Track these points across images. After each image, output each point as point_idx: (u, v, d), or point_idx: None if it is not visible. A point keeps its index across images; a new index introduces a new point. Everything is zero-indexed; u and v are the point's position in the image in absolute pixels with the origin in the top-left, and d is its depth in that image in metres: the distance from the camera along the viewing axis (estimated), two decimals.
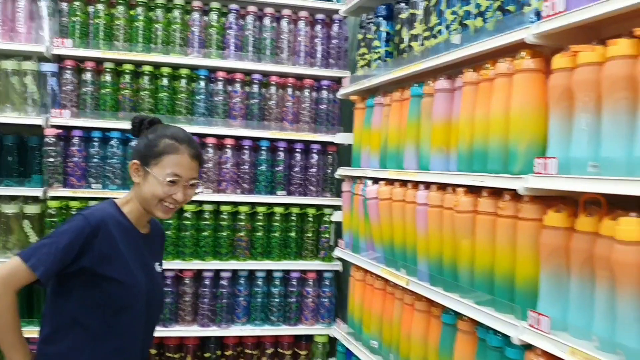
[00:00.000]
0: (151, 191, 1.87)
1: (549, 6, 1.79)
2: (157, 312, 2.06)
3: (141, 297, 1.90)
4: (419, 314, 2.59)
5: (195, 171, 1.93)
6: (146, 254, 1.98)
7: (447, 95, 2.41)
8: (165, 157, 1.86)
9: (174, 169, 1.86)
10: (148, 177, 1.88)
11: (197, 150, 1.94)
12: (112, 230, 1.84)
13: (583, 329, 1.67)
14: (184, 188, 1.89)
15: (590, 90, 1.64)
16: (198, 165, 1.94)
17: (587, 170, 1.64)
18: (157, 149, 1.87)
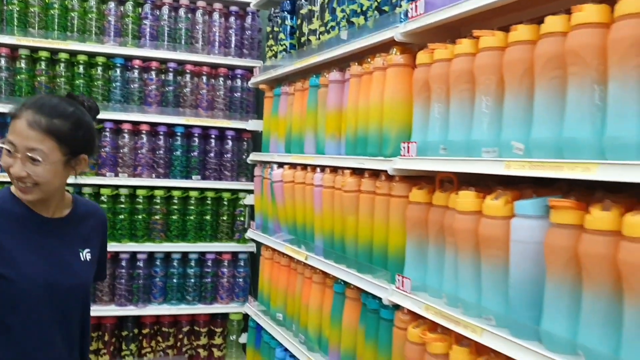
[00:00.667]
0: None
1: (413, 8, 2.05)
2: (73, 306, 1.82)
3: (34, 292, 1.69)
4: (315, 285, 2.83)
5: (34, 141, 1.62)
6: (54, 241, 1.79)
7: (338, 86, 2.65)
8: (10, 125, 1.69)
9: (8, 136, 1.66)
10: None
11: (41, 117, 1.64)
12: None
13: (436, 289, 1.94)
14: (22, 161, 1.63)
15: (441, 83, 1.90)
16: (40, 135, 1.63)
17: (439, 152, 1.90)
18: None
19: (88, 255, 1.87)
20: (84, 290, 1.87)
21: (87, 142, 1.79)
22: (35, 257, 1.72)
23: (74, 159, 1.74)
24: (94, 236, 1.93)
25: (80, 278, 1.83)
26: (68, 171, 1.76)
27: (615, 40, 1.31)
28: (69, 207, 1.87)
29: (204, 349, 4.03)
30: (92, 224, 1.93)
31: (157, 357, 3.95)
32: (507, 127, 1.64)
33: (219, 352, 4.06)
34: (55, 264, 1.75)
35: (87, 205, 1.98)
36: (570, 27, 1.44)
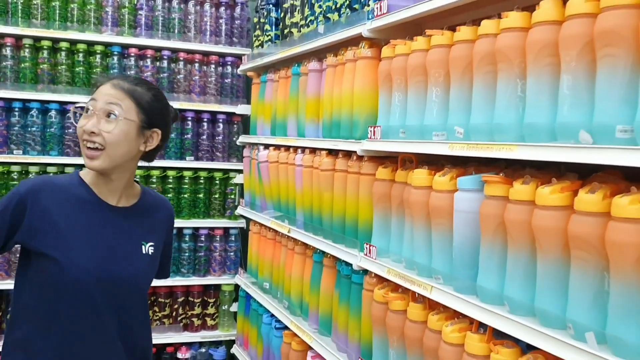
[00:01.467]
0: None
1: (378, 7, 2.31)
2: (128, 297, 1.77)
3: (86, 279, 1.66)
4: (297, 256, 3.12)
5: (115, 97, 1.64)
6: (116, 230, 1.75)
7: (316, 75, 2.91)
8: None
9: (91, 97, 1.67)
10: None
11: (125, 82, 1.70)
12: (45, 200, 1.66)
13: (398, 255, 2.23)
14: (98, 118, 1.63)
15: (400, 75, 2.17)
16: (121, 94, 1.66)
17: (399, 135, 2.18)
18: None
19: (151, 249, 1.82)
20: (141, 283, 1.82)
21: (164, 118, 1.78)
22: (92, 246, 1.69)
23: (148, 129, 1.72)
24: (159, 230, 1.89)
25: (138, 270, 1.78)
26: (139, 143, 1.71)
27: (531, 43, 1.58)
28: (137, 197, 1.83)
29: (197, 318, 4.33)
30: (159, 217, 1.89)
31: (154, 326, 4.23)
32: (452, 114, 1.91)
33: (212, 321, 4.36)
34: (112, 254, 1.72)
35: (156, 198, 1.94)
36: (499, 30, 1.71)
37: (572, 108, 1.46)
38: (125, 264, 1.75)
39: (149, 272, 1.85)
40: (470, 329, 1.81)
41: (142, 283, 1.83)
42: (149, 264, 1.82)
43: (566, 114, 1.47)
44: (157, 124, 1.75)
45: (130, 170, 1.77)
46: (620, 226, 1.30)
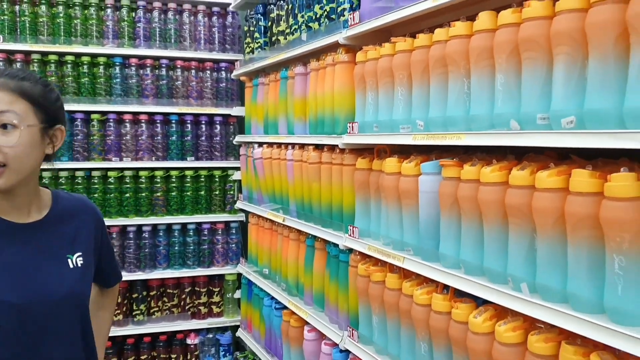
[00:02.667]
0: None
1: (351, 18, 2.63)
2: (67, 320, 1.60)
3: (7, 316, 1.46)
4: (292, 242, 3.44)
5: (4, 103, 1.43)
6: (32, 250, 1.55)
7: (302, 78, 3.23)
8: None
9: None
10: None
11: (8, 80, 1.47)
12: None
13: (376, 233, 2.55)
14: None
15: (372, 77, 2.49)
16: (10, 96, 1.45)
17: (373, 129, 2.50)
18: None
19: (79, 260, 1.63)
20: (78, 300, 1.63)
21: (61, 108, 1.60)
22: (9, 273, 1.49)
23: (52, 128, 1.54)
24: (86, 235, 1.69)
25: (70, 288, 1.58)
26: (44, 147, 1.53)
27: (473, 48, 1.90)
28: (48, 205, 1.64)
29: (204, 306, 4.65)
30: (79, 222, 1.69)
31: (164, 315, 4.56)
32: (415, 109, 2.23)
33: (218, 308, 4.69)
34: (33, 279, 1.52)
35: (72, 200, 1.73)
36: (449, 37, 2.03)
37: (505, 101, 1.79)
38: (53, 286, 1.55)
39: (82, 285, 1.65)
40: (436, 291, 2.14)
41: (79, 300, 1.63)
42: (81, 277, 1.63)
43: (500, 107, 1.80)
44: (59, 119, 1.57)
45: (36, 178, 1.58)
46: (541, 195, 1.63)
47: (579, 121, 1.53)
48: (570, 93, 1.57)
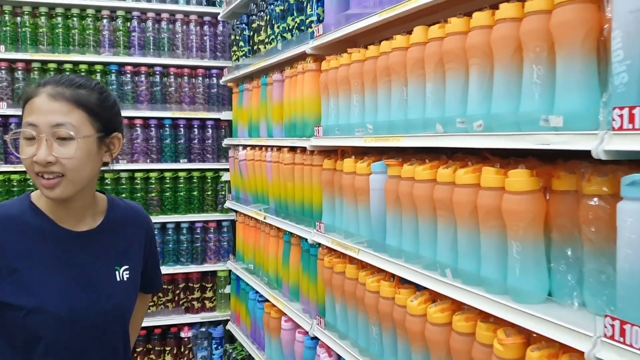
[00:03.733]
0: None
1: (317, 29, 2.85)
2: (109, 332, 1.59)
3: (57, 322, 1.47)
4: (272, 238, 3.66)
5: (60, 114, 1.41)
6: (84, 259, 1.55)
7: (279, 85, 3.45)
8: (24, 109, 1.45)
9: (27, 118, 1.42)
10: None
11: (64, 88, 1.44)
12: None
13: (339, 228, 2.76)
14: (48, 143, 1.39)
15: (334, 84, 2.71)
16: (67, 106, 1.42)
17: (335, 133, 2.72)
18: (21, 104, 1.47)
19: (126, 274, 1.62)
20: (119, 316, 1.62)
21: (118, 114, 1.58)
22: (59, 283, 1.49)
23: (108, 137, 1.53)
24: (137, 247, 1.70)
25: (114, 303, 1.58)
26: (101, 155, 1.52)
27: (409, 59, 2.12)
28: (103, 213, 1.64)
29: (197, 301, 4.89)
30: (132, 233, 1.70)
31: (159, 309, 4.80)
32: (366, 114, 2.45)
33: (210, 303, 4.92)
34: (83, 290, 1.53)
35: (127, 208, 1.72)
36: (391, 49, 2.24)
37: (433, 107, 2.00)
38: (98, 299, 1.55)
39: (127, 300, 1.66)
40: (385, 278, 2.35)
41: (120, 315, 1.63)
42: (126, 292, 1.63)
43: (430, 112, 2.01)
44: (116, 126, 1.57)
45: (93, 186, 1.58)
46: (459, 190, 1.83)
47: (486, 124, 1.73)
48: (481, 99, 1.78)
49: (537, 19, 1.55)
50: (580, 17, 1.45)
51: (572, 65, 1.47)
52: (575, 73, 1.47)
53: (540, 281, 1.64)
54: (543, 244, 1.65)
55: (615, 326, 1.31)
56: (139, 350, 4.66)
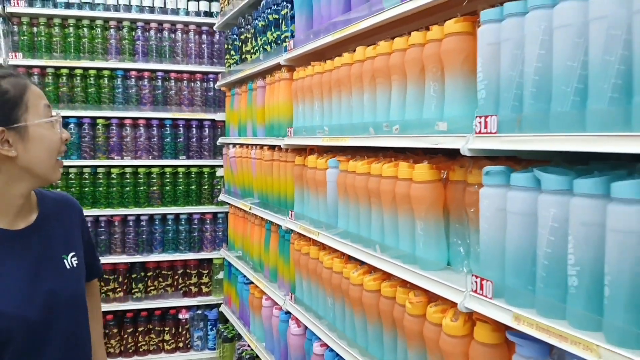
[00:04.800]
0: (46, 146, 1.53)
1: (289, 44, 3.29)
2: (71, 322, 1.61)
3: (18, 326, 1.46)
4: (256, 227, 4.11)
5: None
6: (32, 255, 1.55)
7: (262, 90, 3.90)
8: (27, 95, 1.51)
9: (44, 100, 1.54)
10: (27, 135, 1.49)
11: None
12: None
13: (306, 216, 3.20)
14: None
15: (302, 91, 3.15)
16: None
17: (302, 133, 3.16)
18: (10, 95, 1.47)
19: (74, 261, 1.64)
20: (79, 301, 1.65)
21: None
22: (12, 289, 1.48)
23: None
24: (75, 232, 1.71)
25: (73, 289, 1.62)
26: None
27: (352, 74, 2.55)
28: (36, 207, 1.63)
29: (194, 286, 5.35)
30: (67, 218, 1.71)
31: (159, 293, 5.27)
32: (324, 118, 2.89)
33: (207, 288, 5.39)
34: (36, 287, 1.52)
35: (56, 197, 1.73)
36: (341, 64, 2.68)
37: (368, 113, 2.44)
38: (56, 292, 1.56)
39: (81, 284, 1.68)
40: (338, 257, 2.79)
41: (80, 300, 1.66)
42: (77, 278, 1.65)
43: (366, 117, 2.45)
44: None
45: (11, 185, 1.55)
46: (384, 181, 2.27)
47: (402, 128, 2.17)
48: (399, 108, 2.21)
49: (433, 46, 1.99)
50: (459, 45, 1.88)
51: (455, 82, 1.91)
52: (457, 89, 1.91)
53: (440, 253, 2.08)
54: (442, 223, 2.08)
55: (478, 282, 1.74)
56: (140, 329, 5.12)
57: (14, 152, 1.48)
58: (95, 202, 5.02)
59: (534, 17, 1.55)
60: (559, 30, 1.47)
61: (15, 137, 1.48)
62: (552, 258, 1.49)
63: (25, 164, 1.51)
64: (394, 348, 2.26)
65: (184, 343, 5.26)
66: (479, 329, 1.78)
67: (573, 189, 1.43)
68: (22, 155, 1.50)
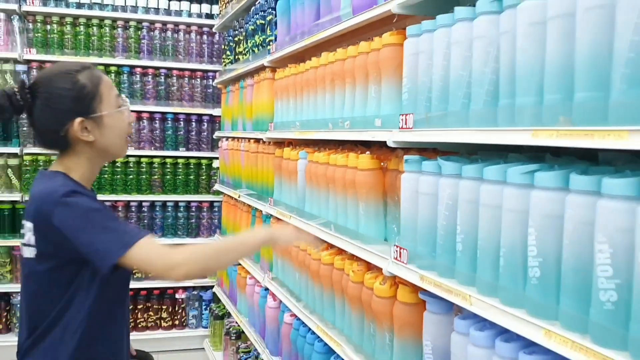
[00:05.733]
0: (118, 130, 1.83)
1: (272, 47, 3.67)
2: None
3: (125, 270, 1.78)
4: (244, 213, 4.49)
5: None
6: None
7: (251, 88, 4.27)
8: (101, 88, 1.80)
9: (115, 90, 1.86)
10: (102, 123, 1.78)
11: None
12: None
13: (282, 202, 3.57)
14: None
15: (281, 90, 3.52)
16: None
17: (280, 128, 3.53)
18: (88, 89, 1.75)
19: None
20: None
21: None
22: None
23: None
24: None
25: None
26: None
27: (316, 77, 2.92)
28: None
29: None
30: None
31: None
32: (297, 114, 3.26)
33: None
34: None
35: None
36: (304, 69, 3.04)
37: (328, 110, 2.80)
38: None
39: None
40: None
41: None
42: None
43: (327, 114, 2.82)
44: None
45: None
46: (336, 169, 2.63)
47: (352, 124, 2.53)
48: (350, 106, 2.58)
49: (374, 55, 2.35)
50: (392, 55, 2.25)
51: (389, 86, 2.27)
52: (390, 91, 2.27)
53: (379, 230, 2.44)
54: (382, 205, 2.45)
55: (398, 251, 2.11)
56: (139, 307, 5.53)
57: (92, 138, 1.78)
58: (100, 188, 5.42)
59: (439, 34, 1.91)
60: (454, 45, 1.83)
61: (92, 125, 1.77)
62: (447, 229, 1.85)
63: (101, 146, 1.82)
64: (342, 312, 2.63)
65: (179, 321, 5.66)
66: (400, 290, 2.15)
67: (461, 174, 1.79)
68: (99, 139, 1.80)
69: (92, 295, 1.76)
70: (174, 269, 1.71)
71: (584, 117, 1.32)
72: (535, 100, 1.49)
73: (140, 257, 1.68)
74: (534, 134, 1.45)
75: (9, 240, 5.15)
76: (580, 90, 1.35)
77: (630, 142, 1.19)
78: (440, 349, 1.94)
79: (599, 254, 1.27)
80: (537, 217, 1.45)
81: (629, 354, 1.21)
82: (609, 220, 1.25)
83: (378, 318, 2.26)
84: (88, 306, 1.76)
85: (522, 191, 1.51)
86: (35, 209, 1.73)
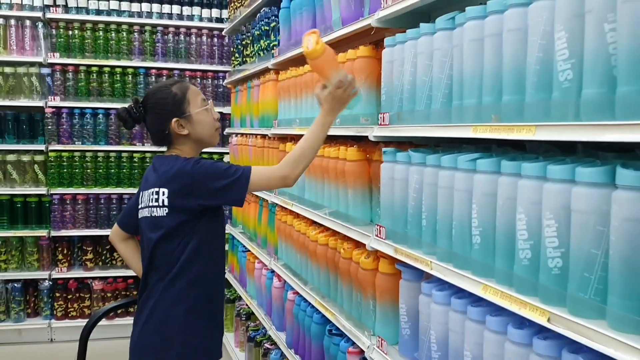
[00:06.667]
0: (207, 124, 2.40)
1: (275, 52, 4.04)
2: None
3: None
4: (253, 204, 4.86)
5: None
6: None
7: (257, 88, 4.65)
8: (188, 94, 2.36)
9: (201, 95, 2.43)
10: (193, 120, 2.33)
11: None
12: None
13: (286, 192, 3.94)
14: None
15: (284, 91, 3.89)
16: None
17: (284, 124, 3.90)
18: (178, 97, 2.33)
19: None
20: None
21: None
22: None
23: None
24: None
25: None
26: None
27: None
28: None
29: None
30: None
31: None
32: (297, 112, 3.63)
33: None
34: None
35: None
36: (297, 74, 3.41)
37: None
38: None
39: None
40: (306, 222, 3.53)
41: None
42: None
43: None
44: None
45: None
46: (330, 160, 3.00)
47: (341, 121, 2.90)
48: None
49: (351, 64, 2.72)
50: (366, 65, 2.62)
51: (367, 90, 2.64)
52: (369, 93, 2.64)
53: (365, 213, 2.81)
54: (368, 191, 2.81)
55: (378, 229, 2.48)
56: None
57: (186, 131, 2.33)
58: (119, 181, 5.83)
59: (408, 45, 2.27)
60: (419, 55, 2.19)
61: (185, 122, 2.33)
62: (415, 209, 2.22)
63: (195, 137, 2.38)
64: (335, 286, 3.01)
65: None
66: (381, 263, 2.52)
67: (425, 162, 2.15)
68: (192, 132, 2.35)
69: (209, 240, 2.34)
70: (285, 179, 2.35)
71: (509, 115, 1.68)
72: (476, 102, 1.86)
73: (261, 181, 2.34)
74: (474, 129, 1.82)
75: (36, 231, 5.58)
76: (507, 94, 1.72)
77: (536, 135, 1.55)
78: (412, 310, 2.31)
79: (519, 222, 1.64)
80: (478, 195, 1.82)
81: (538, 299, 1.57)
82: (523, 194, 1.62)
83: (363, 287, 2.63)
84: (206, 250, 2.33)
85: (468, 175, 1.87)
86: (172, 176, 2.24)
